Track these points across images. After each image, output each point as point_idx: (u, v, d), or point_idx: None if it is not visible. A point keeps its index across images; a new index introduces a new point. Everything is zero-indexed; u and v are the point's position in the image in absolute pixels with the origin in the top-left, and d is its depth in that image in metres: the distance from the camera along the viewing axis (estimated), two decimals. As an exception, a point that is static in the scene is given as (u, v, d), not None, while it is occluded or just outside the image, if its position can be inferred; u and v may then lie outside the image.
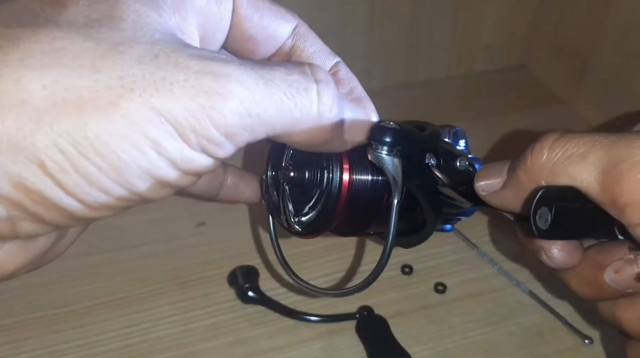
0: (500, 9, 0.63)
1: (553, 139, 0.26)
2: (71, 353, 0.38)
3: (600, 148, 0.24)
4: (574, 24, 0.60)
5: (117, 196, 0.21)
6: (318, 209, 0.28)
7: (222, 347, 0.39)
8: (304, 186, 0.29)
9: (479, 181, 0.29)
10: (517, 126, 0.57)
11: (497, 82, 0.65)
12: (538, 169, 0.26)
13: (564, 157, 0.25)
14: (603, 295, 0.28)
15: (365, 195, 0.28)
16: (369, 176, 0.28)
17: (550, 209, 0.24)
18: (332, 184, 0.27)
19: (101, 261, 0.44)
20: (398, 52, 0.62)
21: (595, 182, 0.24)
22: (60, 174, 0.19)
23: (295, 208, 0.30)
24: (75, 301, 0.42)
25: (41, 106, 0.18)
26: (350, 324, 0.40)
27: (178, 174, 0.21)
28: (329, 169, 0.27)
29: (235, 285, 0.42)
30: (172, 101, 0.19)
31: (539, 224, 0.25)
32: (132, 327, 0.40)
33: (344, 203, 0.27)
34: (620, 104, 0.55)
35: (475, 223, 0.47)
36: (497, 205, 0.29)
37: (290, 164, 0.29)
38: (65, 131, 0.19)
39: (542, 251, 0.28)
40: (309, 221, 0.29)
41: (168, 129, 0.20)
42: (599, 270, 0.28)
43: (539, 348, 0.39)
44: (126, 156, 0.20)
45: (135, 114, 0.19)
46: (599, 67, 0.57)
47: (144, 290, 0.42)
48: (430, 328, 0.40)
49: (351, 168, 0.27)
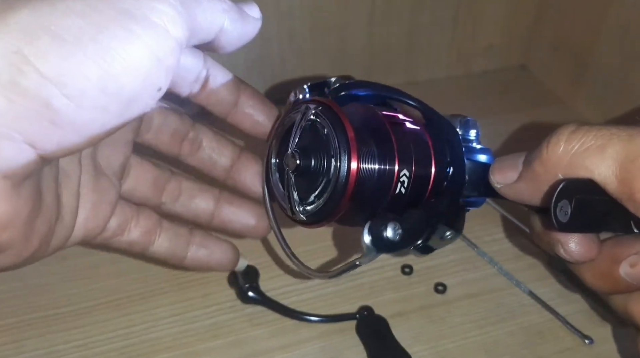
0: (500, 9, 0.63)
1: (570, 131, 0.25)
2: (71, 353, 0.38)
3: (618, 141, 0.24)
4: (574, 24, 0.60)
5: (98, 84, 0.22)
6: (324, 198, 0.28)
7: (222, 347, 0.39)
8: (309, 174, 0.28)
9: (494, 174, 0.29)
10: (517, 126, 0.57)
11: (497, 82, 0.65)
12: (555, 161, 0.26)
13: (582, 149, 0.25)
14: (617, 288, 0.28)
15: (372, 184, 0.27)
16: (376, 164, 0.27)
17: (570, 202, 0.24)
18: (340, 172, 0.27)
19: (101, 261, 0.44)
20: (398, 52, 0.62)
21: (613, 176, 0.24)
22: (40, 58, 0.21)
23: (300, 197, 0.29)
24: (75, 301, 0.42)
25: None
26: (350, 324, 0.40)
27: None
28: (336, 158, 0.27)
29: (235, 285, 0.42)
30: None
31: (559, 217, 0.24)
32: (132, 327, 0.40)
33: (351, 193, 0.27)
34: (620, 104, 0.55)
35: (476, 223, 0.47)
36: (512, 198, 0.29)
37: (297, 151, 0.29)
38: (36, 12, 0.21)
39: (559, 244, 0.28)
40: (314, 211, 0.29)
41: None
42: (614, 263, 0.28)
43: (539, 348, 0.39)
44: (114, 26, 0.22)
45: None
46: (599, 67, 0.57)
47: (144, 290, 0.42)
48: (430, 328, 0.40)
49: (359, 156, 0.27)
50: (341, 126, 0.27)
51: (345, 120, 0.27)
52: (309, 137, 0.29)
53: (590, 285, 0.29)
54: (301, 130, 0.29)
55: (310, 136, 0.29)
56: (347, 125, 0.27)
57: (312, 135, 0.29)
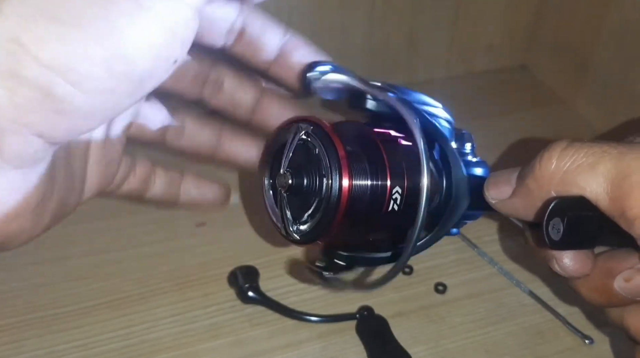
0: (500, 8, 0.63)
1: (561, 148, 0.26)
2: (71, 353, 0.38)
3: (609, 159, 0.24)
4: (574, 24, 0.60)
5: (104, 65, 0.21)
6: (317, 217, 0.28)
7: (222, 347, 0.39)
8: (302, 193, 0.28)
9: (489, 189, 0.29)
10: (517, 126, 0.57)
11: (497, 82, 0.65)
12: (547, 178, 0.26)
13: (573, 167, 0.25)
14: (612, 302, 0.28)
15: (365, 201, 0.28)
16: (368, 181, 0.28)
17: (563, 220, 0.24)
18: (332, 191, 0.27)
19: (101, 261, 0.44)
20: (398, 52, 0.62)
21: (605, 193, 0.24)
22: (38, 45, 0.20)
23: (293, 216, 0.29)
24: (75, 301, 0.42)
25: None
26: (350, 324, 0.40)
27: None
28: (327, 176, 0.27)
29: (235, 285, 0.42)
30: None
31: (551, 235, 0.25)
32: (132, 327, 0.40)
33: (344, 210, 0.27)
34: (620, 104, 0.55)
35: (476, 223, 0.46)
36: (507, 213, 0.29)
37: (289, 171, 0.29)
38: None
39: (554, 260, 0.28)
40: (307, 230, 0.29)
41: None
42: (609, 277, 0.28)
43: (539, 348, 0.39)
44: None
45: None
46: (599, 67, 0.57)
47: (144, 290, 0.42)
48: (430, 328, 0.40)
49: (350, 174, 0.27)
50: (332, 145, 0.27)
51: (336, 139, 0.27)
52: (301, 156, 0.29)
53: (585, 299, 0.29)
54: (293, 149, 0.29)
55: (302, 154, 0.29)
56: (337, 144, 0.27)
57: (304, 154, 0.29)
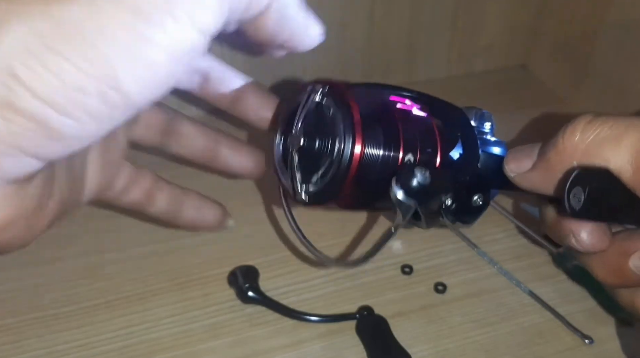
0: (500, 9, 0.63)
1: (587, 121, 0.26)
2: (71, 353, 0.38)
3: (634, 131, 0.24)
4: (574, 24, 0.60)
5: (99, 97, 0.20)
6: (327, 180, 0.28)
7: (222, 347, 0.39)
8: (313, 154, 0.28)
9: (509, 163, 0.29)
10: (517, 126, 0.57)
11: (497, 82, 0.65)
12: (570, 150, 0.26)
13: (598, 139, 0.25)
14: (626, 281, 0.28)
15: (375, 170, 0.27)
16: (381, 151, 0.27)
17: (584, 189, 0.24)
18: (343, 155, 0.26)
19: (101, 261, 0.44)
20: (398, 52, 0.62)
21: (628, 165, 0.24)
22: (34, 79, 0.19)
23: (303, 177, 0.29)
24: (75, 301, 0.42)
25: (3, 7, 0.19)
26: (350, 324, 0.40)
27: (166, 55, 0.21)
28: (340, 140, 0.27)
29: (235, 285, 0.42)
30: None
31: (572, 203, 0.25)
32: (132, 327, 0.40)
33: (353, 176, 0.27)
34: (621, 104, 0.55)
35: (475, 223, 0.47)
36: (526, 186, 0.29)
37: (301, 131, 0.29)
38: (31, 27, 0.19)
39: (571, 234, 0.28)
40: (316, 191, 0.28)
41: None
42: (624, 256, 0.28)
43: (539, 348, 0.39)
44: (102, 41, 0.20)
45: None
46: (599, 67, 0.57)
47: (144, 290, 0.42)
48: (430, 328, 0.40)
49: (364, 140, 0.26)
50: (347, 108, 0.27)
51: (352, 101, 0.27)
52: (315, 118, 0.29)
53: (599, 278, 0.29)
54: (307, 110, 0.29)
55: (315, 116, 0.29)
56: (353, 107, 0.27)
57: (317, 116, 0.29)
